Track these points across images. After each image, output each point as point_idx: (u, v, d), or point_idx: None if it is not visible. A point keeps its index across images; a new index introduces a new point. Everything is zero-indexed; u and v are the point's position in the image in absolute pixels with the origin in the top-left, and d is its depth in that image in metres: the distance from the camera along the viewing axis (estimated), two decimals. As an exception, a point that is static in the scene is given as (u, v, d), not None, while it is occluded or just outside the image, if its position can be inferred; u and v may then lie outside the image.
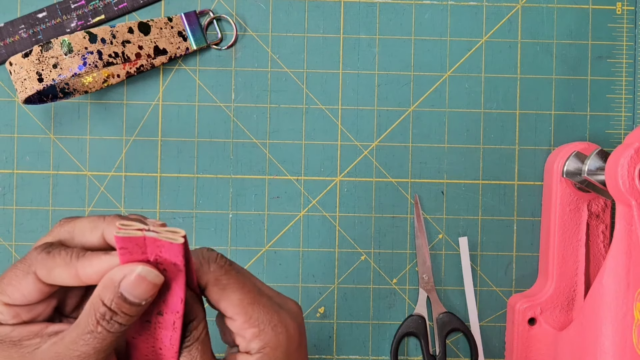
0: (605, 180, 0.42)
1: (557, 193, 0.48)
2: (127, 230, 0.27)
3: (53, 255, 0.29)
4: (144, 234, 0.27)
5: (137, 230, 0.27)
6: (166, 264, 0.28)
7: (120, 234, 0.27)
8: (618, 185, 0.40)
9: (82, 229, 0.31)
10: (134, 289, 0.28)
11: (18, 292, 0.30)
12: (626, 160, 0.40)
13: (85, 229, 0.31)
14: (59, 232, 0.31)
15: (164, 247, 0.27)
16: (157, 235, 0.27)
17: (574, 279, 0.48)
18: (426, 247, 0.50)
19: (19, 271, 0.30)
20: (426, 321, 0.50)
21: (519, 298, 0.49)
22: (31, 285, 0.29)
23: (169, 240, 0.27)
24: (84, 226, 0.31)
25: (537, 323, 0.48)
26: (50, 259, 0.29)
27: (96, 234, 0.31)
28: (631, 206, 0.40)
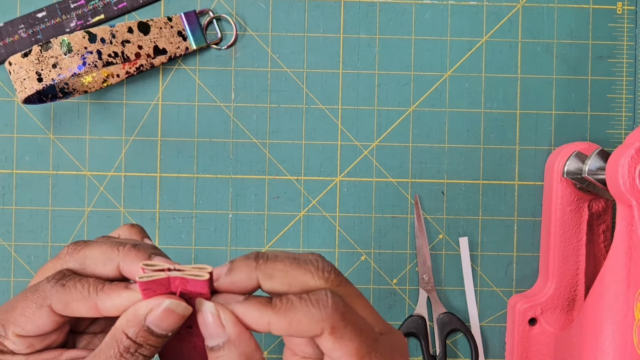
0: (605, 180, 0.42)
1: (558, 193, 0.48)
2: (150, 274, 0.26)
3: (69, 289, 0.28)
4: (168, 274, 0.26)
5: (160, 271, 0.26)
6: (192, 294, 0.27)
7: (144, 278, 0.26)
8: (619, 185, 0.40)
9: (94, 260, 0.29)
10: (161, 321, 0.27)
11: (32, 324, 0.29)
12: (627, 160, 0.40)
13: (97, 261, 0.29)
14: (69, 260, 0.30)
15: (189, 283, 0.26)
16: (182, 274, 0.26)
17: (575, 279, 0.48)
18: (426, 247, 0.50)
19: (32, 303, 0.29)
20: (426, 321, 0.50)
21: (520, 298, 0.49)
22: (45, 317, 0.29)
23: (194, 277, 0.26)
24: (96, 257, 0.29)
25: (537, 323, 0.48)
26: (67, 293, 0.28)
27: (110, 266, 0.29)
28: (632, 206, 0.40)
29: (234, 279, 0.27)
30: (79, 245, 0.30)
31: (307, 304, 0.26)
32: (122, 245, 0.29)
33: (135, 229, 0.34)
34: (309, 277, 0.27)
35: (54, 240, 0.50)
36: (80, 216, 0.50)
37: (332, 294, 0.27)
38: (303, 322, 0.26)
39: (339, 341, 0.27)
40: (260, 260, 0.28)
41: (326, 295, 0.27)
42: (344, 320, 0.27)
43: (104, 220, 0.50)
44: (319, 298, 0.27)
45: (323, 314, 0.26)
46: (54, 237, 0.50)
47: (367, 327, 0.28)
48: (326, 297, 0.27)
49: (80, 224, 0.50)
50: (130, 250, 0.29)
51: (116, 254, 0.29)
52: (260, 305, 0.27)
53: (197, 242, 0.50)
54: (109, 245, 0.30)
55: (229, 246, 0.50)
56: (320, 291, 0.27)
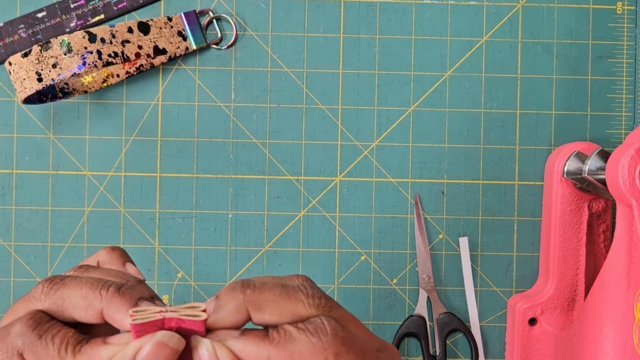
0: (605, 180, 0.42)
1: (558, 193, 0.48)
2: (143, 315, 0.25)
3: (44, 342, 0.26)
4: (163, 315, 0.25)
5: (155, 313, 0.25)
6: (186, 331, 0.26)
7: (137, 321, 0.25)
8: (619, 185, 0.40)
9: (73, 304, 0.27)
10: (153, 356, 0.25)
11: None
12: (627, 160, 0.40)
13: (77, 305, 0.27)
14: (44, 300, 0.27)
15: (184, 322, 0.25)
16: (177, 315, 0.25)
17: (575, 279, 0.48)
18: (426, 247, 0.50)
19: (1, 353, 0.26)
20: (426, 321, 0.50)
21: (520, 298, 0.49)
22: None
23: (190, 318, 0.25)
24: (75, 301, 0.27)
25: (537, 323, 0.48)
26: (41, 346, 0.26)
27: (91, 312, 0.27)
28: (632, 206, 0.40)
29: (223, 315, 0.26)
30: (56, 284, 0.28)
31: (306, 334, 0.26)
32: (105, 288, 0.27)
33: (116, 252, 0.32)
34: (300, 305, 0.27)
35: (54, 240, 0.50)
36: (80, 216, 0.50)
37: (329, 320, 0.26)
38: (305, 353, 0.25)
39: None
40: (248, 290, 0.27)
41: (323, 322, 0.26)
42: (346, 345, 0.26)
43: (104, 220, 0.50)
44: (317, 327, 0.26)
45: (324, 343, 0.26)
46: (54, 237, 0.50)
47: (368, 348, 0.27)
48: (324, 325, 0.26)
49: (80, 224, 0.50)
50: (115, 296, 0.27)
51: (98, 299, 0.27)
52: (257, 340, 0.26)
53: (197, 242, 0.50)
54: (89, 287, 0.27)
55: (229, 246, 0.50)
56: (316, 319, 0.26)
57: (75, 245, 0.50)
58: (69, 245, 0.50)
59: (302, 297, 0.27)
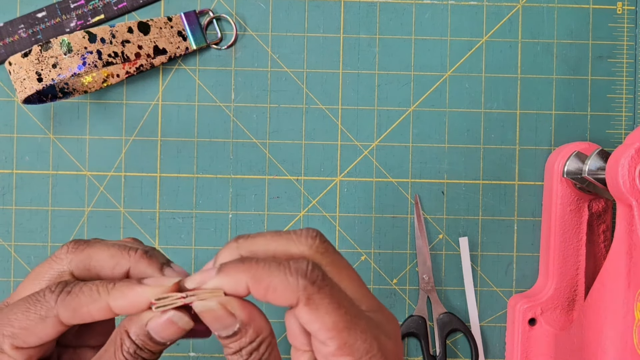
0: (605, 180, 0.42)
1: (558, 193, 0.48)
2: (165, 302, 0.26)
3: (76, 295, 0.27)
4: (184, 302, 0.26)
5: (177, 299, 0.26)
6: None
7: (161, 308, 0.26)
8: (619, 185, 0.40)
9: (100, 263, 0.29)
10: (162, 330, 0.27)
11: (34, 336, 0.28)
12: (627, 160, 0.40)
13: (105, 265, 0.29)
14: (70, 260, 0.29)
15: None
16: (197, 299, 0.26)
17: (575, 279, 0.48)
18: (426, 247, 0.50)
19: (34, 315, 0.28)
20: (426, 321, 0.50)
21: (520, 298, 0.49)
22: (50, 328, 0.28)
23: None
24: (102, 259, 0.29)
25: (537, 323, 0.48)
26: (74, 299, 0.27)
27: (119, 271, 0.29)
28: (632, 206, 0.40)
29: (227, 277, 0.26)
30: (82, 245, 0.29)
31: (285, 271, 0.26)
32: (133, 250, 0.29)
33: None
34: (291, 244, 0.27)
35: (54, 240, 0.50)
36: (80, 216, 0.50)
37: (314, 265, 0.26)
38: (279, 288, 0.26)
39: (315, 313, 0.26)
40: (240, 239, 0.27)
41: (307, 265, 0.26)
42: (322, 291, 0.26)
43: (104, 220, 0.50)
44: (299, 267, 0.26)
45: (299, 283, 0.25)
46: (54, 237, 0.50)
47: (348, 302, 0.27)
48: (305, 267, 0.26)
49: (80, 224, 0.50)
50: (143, 257, 0.28)
51: (127, 259, 0.28)
52: (235, 270, 0.26)
53: (197, 242, 0.50)
54: (117, 248, 0.29)
55: (229, 246, 0.50)
56: (303, 260, 0.26)
57: (75, 245, 0.50)
58: (69, 245, 0.50)
59: (294, 237, 0.27)
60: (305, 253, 0.27)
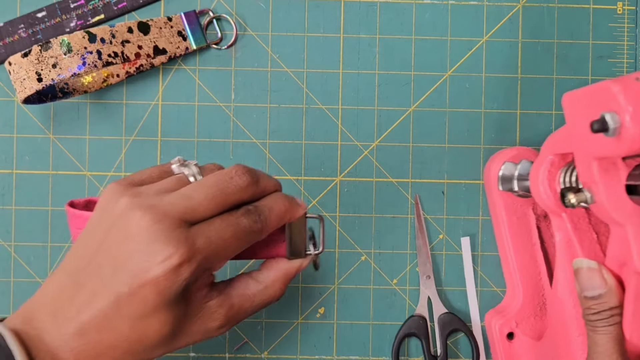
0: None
1: (500, 203, 0.47)
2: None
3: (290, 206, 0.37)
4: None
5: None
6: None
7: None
8: (544, 201, 0.39)
9: (278, 205, 0.36)
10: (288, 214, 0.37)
11: (225, 262, 0.34)
12: (545, 175, 0.39)
13: (283, 206, 0.36)
14: (250, 195, 0.35)
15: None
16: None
17: (540, 283, 0.47)
18: (427, 247, 0.50)
19: (241, 242, 0.34)
20: (427, 322, 0.50)
21: (493, 314, 0.49)
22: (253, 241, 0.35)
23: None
24: (281, 203, 0.36)
25: (515, 337, 0.48)
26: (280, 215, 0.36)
27: (289, 215, 0.37)
28: (562, 217, 0.39)
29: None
30: (253, 186, 0.35)
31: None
32: (296, 200, 0.37)
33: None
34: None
35: (54, 240, 0.50)
36: (80, 216, 0.50)
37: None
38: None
39: None
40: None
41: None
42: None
43: (104, 220, 0.50)
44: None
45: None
46: (54, 237, 0.50)
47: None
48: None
49: (80, 224, 0.50)
50: (302, 207, 0.38)
51: (296, 207, 0.37)
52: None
53: (197, 242, 0.50)
54: (289, 198, 0.37)
55: (229, 246, 0.50)
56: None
57: (75, 246, 0.50)
58: (69, 246, 0.50)
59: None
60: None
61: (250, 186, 0.35)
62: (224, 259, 0.34)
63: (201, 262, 0.32)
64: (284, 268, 0.38)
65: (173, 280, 0.31)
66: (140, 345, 0.32)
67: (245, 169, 0.35)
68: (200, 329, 0.34)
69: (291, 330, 0.50)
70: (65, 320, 0.32)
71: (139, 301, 0.31)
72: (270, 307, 0.48)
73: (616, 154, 0.30)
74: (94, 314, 0.31)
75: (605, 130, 0.30)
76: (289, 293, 0.50)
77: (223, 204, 0.34)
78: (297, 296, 0.50)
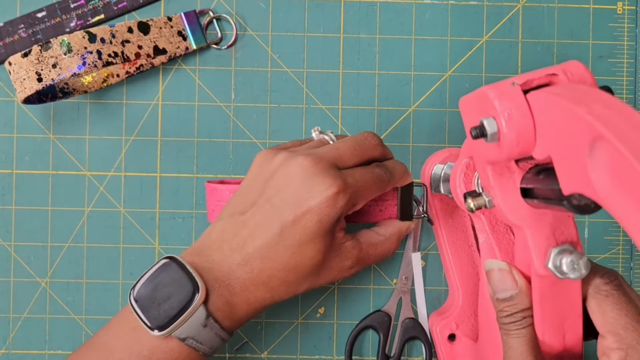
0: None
1: (435, 205, 0.47)
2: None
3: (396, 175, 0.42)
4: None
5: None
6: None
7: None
8: (462, 204, 0.39)
9: (397, 170, 0.42)
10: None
11: (363, 204, 0.40)
12: (461, 178, 0.39)
13: (401, 170, 0.42)
14: (381, 152, 0.42)
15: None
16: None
17: (477, 285, 0.47)
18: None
19: (384, 185, 0.41)
20: (392, 320, 0.49)
21: (436, 317, 0.49)
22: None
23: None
24: (401, 169, 0.42)
25: (457, 338, 0.47)
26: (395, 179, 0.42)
27: (404, 179, 0.43)
28: (481, 219, 0.39)
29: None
30: (382, 146, 0.42)
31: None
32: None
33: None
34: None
35: (54, 240, 0.50)
36: (80, 216, 0.50)
37: (610, 273, 0.36)
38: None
39: (598, 306, 0.35)
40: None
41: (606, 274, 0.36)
42: (609, 287, 0.35)
43: (104, 220, 0.50)
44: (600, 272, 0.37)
45: (587, 281, 0.36)
46: (54, 237, 0.50)
47: (632, 307, 0.34)
48: (606, 276, 0.35)
49: (80, 224, 0.50)
50: (410, 175, 0.44)
51: (408, 174, 0.43)
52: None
53: (197, 242, 0.50)
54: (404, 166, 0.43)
55: (229, 246, 0.50)
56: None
57: (75, 245, 0.50)
58: (69, 245, 0.50)
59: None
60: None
61: (379, 145, 0.41)
62: (364, 198, 0.39)
63: (352, 196, 0.38)
64: (398, 225, 0.44)
65: (332, 207, 0.37)
66: (294, 275, 0.38)
67: (374, 133, 0.42)
68: (337, 266, 0.39)
69: (291, 330, 0.50)
70: (231, 251, 0.38)
71: (301, 229, 0.37)
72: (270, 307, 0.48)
73: (500, 158, 0.31)
74: (259, 244, 0.37)
75: (484, 136, 0.30)
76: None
77: (361, 157, 0.40)
78: (297, 296, 0.50)
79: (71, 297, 0.50)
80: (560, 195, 0.28)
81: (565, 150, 0.27)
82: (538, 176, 0.32)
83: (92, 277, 0.50)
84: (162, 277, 0.37)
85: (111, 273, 0.50)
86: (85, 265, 0.50)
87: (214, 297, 0.37)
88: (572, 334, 0.36)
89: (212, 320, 0.37)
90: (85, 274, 0.50)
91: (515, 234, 0.36)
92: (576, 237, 0.34)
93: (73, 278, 0.50)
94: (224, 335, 0.38)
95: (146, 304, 0.36)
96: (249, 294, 0.38)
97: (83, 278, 0.50)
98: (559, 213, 0.33)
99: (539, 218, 0.33)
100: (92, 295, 0.50)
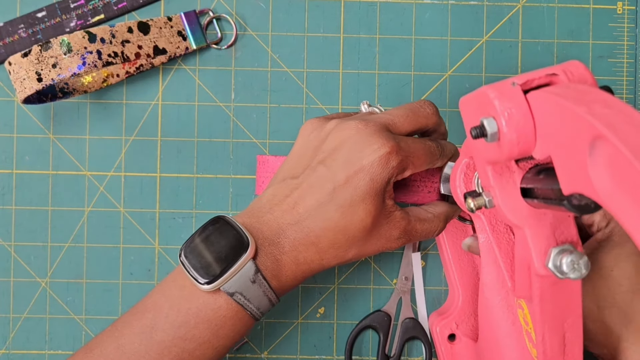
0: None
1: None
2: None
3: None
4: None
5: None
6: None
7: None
8: (462, 204, 0.39)
9: (448, 149, 0.42)
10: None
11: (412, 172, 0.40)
12: (461, 178, 0.39)
13: (451, 148, 0.42)
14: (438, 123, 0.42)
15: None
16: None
17: (478, 284, 0.47)
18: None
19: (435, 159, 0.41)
20: (392, 320, 0.50)
21: (436, 317, 0.49)
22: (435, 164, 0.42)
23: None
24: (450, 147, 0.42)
25: (457, 338, 0.47)
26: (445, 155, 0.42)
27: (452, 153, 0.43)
28: (481, 219, 0.39)
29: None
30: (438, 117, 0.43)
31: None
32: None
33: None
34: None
35: (54, 240, 0.50)
36: (80, 216, 0.50)
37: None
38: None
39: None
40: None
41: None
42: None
43: (104, 220, 0.50)
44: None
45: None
46: (54, 237, 0.50)
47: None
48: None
49: (80, 224, 0.50)
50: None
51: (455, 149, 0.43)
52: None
53: (197, 242, 0.50)
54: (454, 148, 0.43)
55: (229, 246, 0.50)
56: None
57: (75, 245, 0.50)
58: (69, 245, 0.50)
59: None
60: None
61: (434, 114, 0.41)
62: (414, 166, 0.39)
63: (403, 159, 0.38)
64: (447, 206, 0.43)
65: (384, 167, 0.37)
66: (344, 236, 0.38)
67: (430, 102, 0.42)
68: (385, 234, 0.39)
69: (291, 330, 0.50)
70: (282, 212, 0.38)
71: (353, 188, 0.37)
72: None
73: (500, 158, 0.31)
74: (310, 204, 0.37)
75: (484, 135, 0.30)
76: (290, 293, 0.50)
77: (414, 124, 0.40)
78: (297, 296, 0.50)
79: (71, 297, 0.50)
80: (561, 195, 0.28)
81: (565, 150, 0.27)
82: (538, 176, 0.32)
83: (92, 277, 0.50)
84: (212, 233, 0.37)
85: (111, 273, 0.50)
86: (85, 265, 0.50)
87: (263, 255, 0.37)
88: (572, 334, 0.36)
89: (261, 276, 0.37)
90: (85, 274, 0.50)
91: (515, 234, 0.36)
92: (576, 237, 0.34)
93: (73, 278, 0.50)
94: (271, 296, 0.38)
95: (195, 259, 0.37)
96: (297, 253, 0.38)
97: (83, 278, 0.50)
98: (559, 213, 0.33)
99: (539, 218, 0.33)
100: (92, 295, 0.50)
